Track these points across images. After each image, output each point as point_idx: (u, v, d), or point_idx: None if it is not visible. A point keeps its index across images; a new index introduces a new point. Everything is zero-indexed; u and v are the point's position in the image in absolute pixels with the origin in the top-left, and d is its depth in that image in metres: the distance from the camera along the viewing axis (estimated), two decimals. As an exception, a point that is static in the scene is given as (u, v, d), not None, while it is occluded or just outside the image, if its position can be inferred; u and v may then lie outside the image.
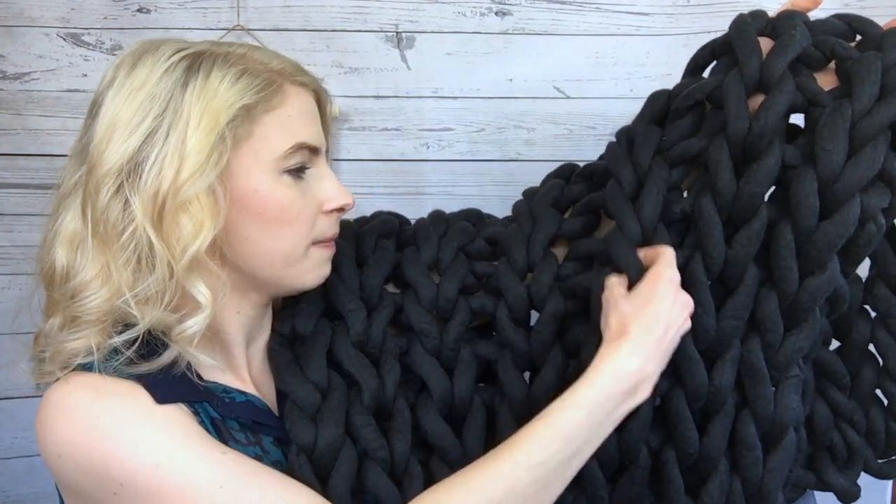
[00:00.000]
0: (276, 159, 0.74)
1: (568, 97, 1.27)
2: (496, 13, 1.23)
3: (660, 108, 0.86)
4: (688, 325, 0.77)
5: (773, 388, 0.80)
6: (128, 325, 0.71)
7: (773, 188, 0.80)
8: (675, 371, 0.81)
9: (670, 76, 1.21)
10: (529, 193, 0.95)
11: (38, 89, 1.21)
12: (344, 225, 0.91)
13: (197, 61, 0.73)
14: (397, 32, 1.23)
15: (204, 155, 0.69)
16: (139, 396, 0.70)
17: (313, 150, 0.78)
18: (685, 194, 0.84)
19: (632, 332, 0.73)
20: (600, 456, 0.82)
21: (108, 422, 0.67)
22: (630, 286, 0.78)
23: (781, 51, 0.77)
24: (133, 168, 0.69)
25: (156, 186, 0.69)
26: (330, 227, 0.80)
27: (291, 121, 0.75)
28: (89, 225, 0.71)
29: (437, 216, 0.95)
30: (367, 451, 0.79)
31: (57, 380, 0.72)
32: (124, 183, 0.69)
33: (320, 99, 0.82)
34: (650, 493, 0.85)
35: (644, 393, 0.74)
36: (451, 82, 1.25)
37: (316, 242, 0.79)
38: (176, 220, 0.69)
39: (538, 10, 1.23)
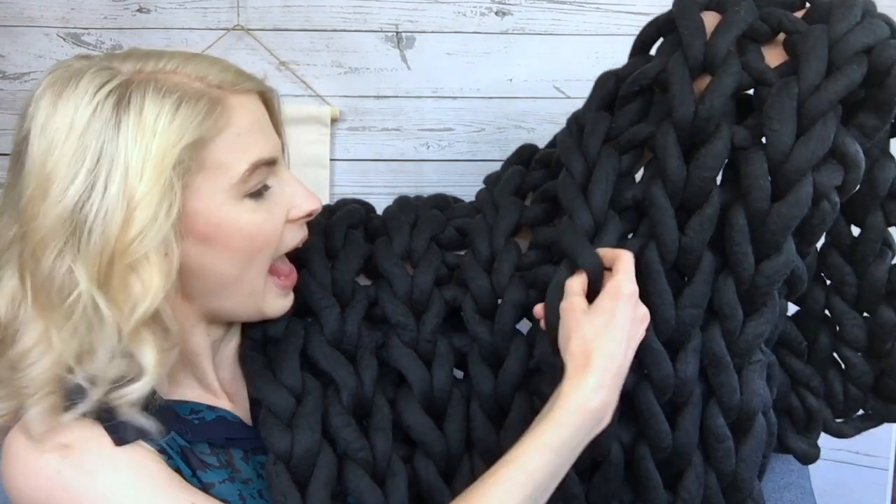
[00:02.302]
0: (233, 185, 0.68)
1: (568, 97, 1.25)
2: (496, 13, 1.22)
3: (609, 91, 0.84)
4: (642, 334, 0.74)
5: (737, 376, 0.78)
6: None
7: (725, 170, 0.78)
8: (639, 365, 0.79)
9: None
10: (491, 180, 0.92)
11: (37, 89, 1.21)
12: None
13: (125, 95, 0.64)
14: (397, 32, 1.22)
15: (152, 209, 0.62)
16: (99, 441, 0.65)
17: (271, 163, 0.71)
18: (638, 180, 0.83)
19: (595, 362, 0.68)
20: None
21: (69, 475, 0.64)
22: (589, 286, 0.75)
23: (725, 29, 0.74)
24: (73, 230, 0.62)
25: (100, 246, 0.62)
26: (294, 237, 0.75)
27: (242, 138, 0.68)
28: (29, 292, 0.64)
29: (404, 203, 0.93)
30: (348, 452, 0.77)
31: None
32: (65, 246, 0.62)
33: (267, 100, 0.74)
34: (628, 490, 0.83)
35: (607, 420, 0.70)
36: (451, 82, 1.24)
37: (272, 270, 0.74)
38: (124, 282, 0.63)
39: (538, 10, 1.22)
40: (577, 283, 0.74)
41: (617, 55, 1.24)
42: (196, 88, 0.67)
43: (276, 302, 0.76)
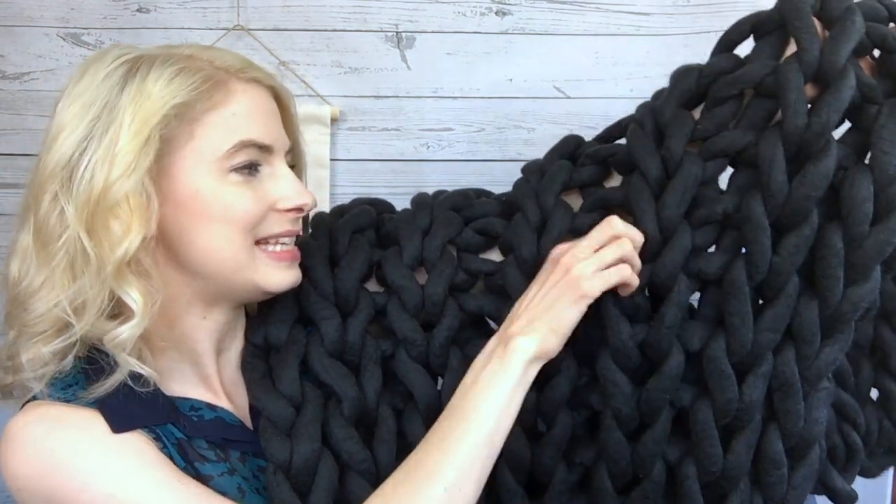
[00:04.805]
0: (218, 158, 0.71)
1: (568, 97, 1.24)
2: (496, 13, 1.21)
3: (689, 87, 0.76)
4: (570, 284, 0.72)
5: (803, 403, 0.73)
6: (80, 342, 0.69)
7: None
8: (699, 383, 0.75)
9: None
10: (532, 171, 0.85)
11: (37, 89, 1.19)
12: (318, 219, 0.86)
13: (136, 64, 0.70)
14: (397, 32, 1.21)
15: (131, 157, 0.66)
16: (96, 426, 0.67)
17: (264, 148, 0.73)
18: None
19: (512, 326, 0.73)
20: (611, 467, 0.77)
21: (61, 456, 0.65)
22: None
23: (844, 39, 0.68)
24: (68, 174, 0.67)
25: (88, 191, 0.66)
26: (279, 225, 0.75)
27: (236, 119, 0.72)
28: (31, 233, 0.69)
29: (420, 203, 0.86)
30: (350, 464, 0.74)
31: (26, 401, 0.70)
32: (59, 189, 0.67)
33: (279, 96, 0.78)
34: None
35: (526, 348, 0.70)
36: (451, 82, 1.22)
37: (260, 241, 0.74)
38: (106, 224, 0.67)
39: (538, 10, 1.20)
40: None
41: (617, 55, 1.24)
42: (200, 66, 0.71)
43: (274, 275, 0.75)
